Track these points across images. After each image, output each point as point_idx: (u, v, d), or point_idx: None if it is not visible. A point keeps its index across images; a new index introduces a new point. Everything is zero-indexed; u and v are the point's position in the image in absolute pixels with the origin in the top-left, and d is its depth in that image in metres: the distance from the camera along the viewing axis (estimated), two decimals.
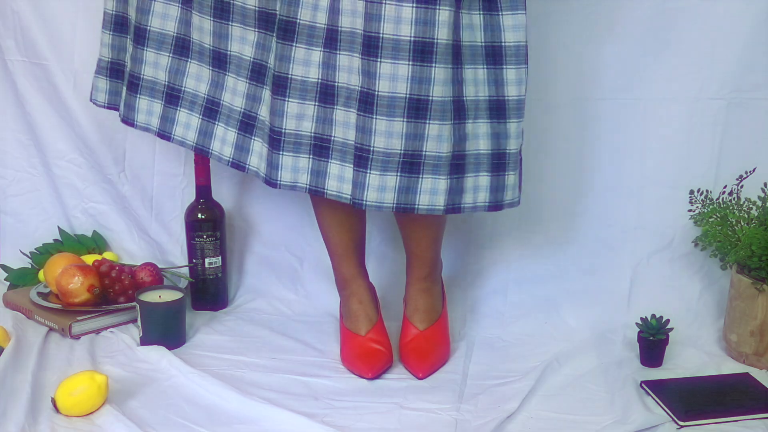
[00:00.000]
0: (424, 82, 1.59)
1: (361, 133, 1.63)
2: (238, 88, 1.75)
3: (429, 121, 1.61)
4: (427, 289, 1.89)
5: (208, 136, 1.81)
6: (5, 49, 2.20)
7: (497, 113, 1.67)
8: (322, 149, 1.68)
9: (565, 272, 2.10)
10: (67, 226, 2.25)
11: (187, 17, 1.79)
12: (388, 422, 1.63)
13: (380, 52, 1.58)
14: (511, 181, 1.71)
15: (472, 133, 1.66)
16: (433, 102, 1.60)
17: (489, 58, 1.64)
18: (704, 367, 1.84)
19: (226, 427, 1.60)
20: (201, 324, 2.02)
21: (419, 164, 1.63)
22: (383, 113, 1.60)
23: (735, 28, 1.97)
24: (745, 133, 2.03)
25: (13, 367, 1.73)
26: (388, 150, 1.62)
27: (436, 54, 1.59)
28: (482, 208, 1.71)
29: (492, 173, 1.69)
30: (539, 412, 1.66)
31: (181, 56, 1.82)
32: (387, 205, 1.64)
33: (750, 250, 1.83)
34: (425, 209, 1.66)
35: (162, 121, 1.86)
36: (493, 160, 1.68)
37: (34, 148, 2.25)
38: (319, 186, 1.69)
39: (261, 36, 1.70)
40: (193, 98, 1.82)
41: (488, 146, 1.68)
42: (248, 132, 1.76)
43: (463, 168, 1.67)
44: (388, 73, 1.59)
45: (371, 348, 1.82)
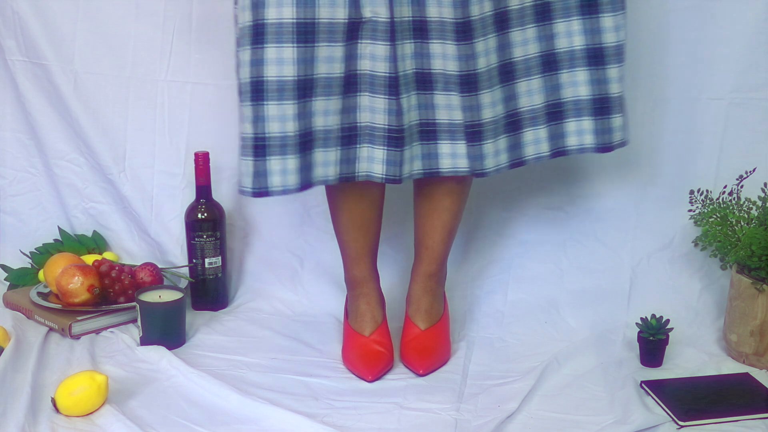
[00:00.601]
0: (506, 48, 1.71)
1: (470, 111, 1.70)
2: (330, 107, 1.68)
3: (516, 81, 1.74)
4: (431, 290, 1.90)
5: (351, 162, 1.73)
6: (6, 49, 2.20)
7: (596, 60, 1.76)
8: (430, 133, 1.74)
9: (565, 272, 2.10)
10: (67, 226, 2.25)
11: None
12: (387, 422, 1.63)
13: (473, 33, 1.65)
14: (618, 123, 1.79)
15: (568, 82, 1.77)
16: (516, 63, 1.72)
17: (584, 9, 1.74)
18: (704, 367, 1.83)
19: (226, 427, 1.60)
20: (201, 324, 2.02)
21: (519, 121, 1.76)
22: (485, 87, 1.69)
23: (735, 28, 1.97)
24: (745, 133, 2.03)
25: (13, 367, 1.73)
26: (495, 117, 1.72)
27: (511, 20, 1.70)
28: (590, 149, 1.81)
29: (596, 117, 1.79)
30: (539, 412, 1.66)
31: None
32: (503, 165, 1.76)
33: (750, 250, 1.83)
34: (533, 158, 1.79)
35: (342, 165, 1.73)
36: (596, 105, 1.78)
37: (34, 148, 2.25)
38: (433, 167, 1.75)
39: (347, 48, 1.66)
40: (327, 133, 1.70)
41: (589, 92, 1.78)
42: (351, 143, 1.72)
43: (562, 114, 1.78)
44: (482, 50, 1.67)
45: (374, 349, 1.82)
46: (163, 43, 2.16)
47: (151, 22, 2.15)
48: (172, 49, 2.16)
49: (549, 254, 2.12)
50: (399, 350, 1.86)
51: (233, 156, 2.17)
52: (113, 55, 2.18)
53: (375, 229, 1.90)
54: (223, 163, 2.17)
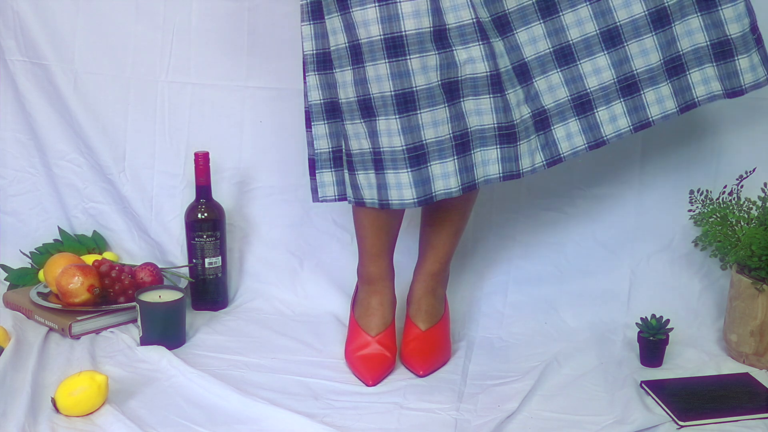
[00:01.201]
0: (607, 13, 1.67)
1: (573, 83, 1.69)
2: (437, 116, 1.68)
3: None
4: (433, 290, 1.89)
5: (470, 170, 1.72)
6: (6, 49, 2.20)
7: (706, 3, 1.69)
8: (543, 121, 1.72)
9: (565, 272, 2.10)
10: (67, 226, 2.25)
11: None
12: (387, 422, 1.63)
13: (560, 5, 1.66)
14: (746, 64, 1.71)
15: (683, 32, 1.70)
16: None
17: None
18: (704, 367, 1.84)
19: (226, 427, 1.60)
20: (201, 324, 2.02)
21: (635, 83, 1.70)
22: (598, 51, 1.68)
23: None
24: (745, 133, 2.03)
25: (13, 367, 1.73)
26: (603, 83, 1.70)
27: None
28: (719, 95, 1.74)
29: (717, 63, 1.72)
30: (539, 412, 1.66)
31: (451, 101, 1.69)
32: (624, 130, 1.72)
33: (750, 250, 1.83)
34: (660, 117, 1.72)
35: (461, 174, 1.71)
36: (716, 50, 1.71)
37: (34, 148, 2.25)
38: (554, 154, 1.73)
39: (441, 57, 1.66)
40: (442, 143, 1.69)
41: (705, 38, 1.71)
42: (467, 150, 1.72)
43: (682, 67, 1.72)
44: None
45: (378, 353, 1.81)
46: (163, 43, 2.16)
47: (151, 22, 2.16)
48: (172, 49, 2.16)
49: (549, 255, 2.12)
50: (399, 351, 1.86)
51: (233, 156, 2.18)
52: (113, 55, 2.18)
53: (395, 228, 1.88)
54: (223, 163, 2.18)
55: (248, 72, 2.15)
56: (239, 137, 2.18)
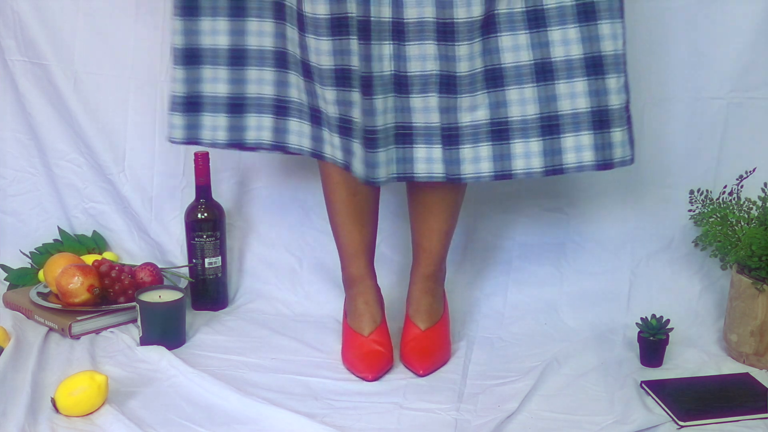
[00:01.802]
0: (494, 53, 1.65)
1: (446, 113, 1.67)
2: (327, 96, 1.73)
3: (506, 88, 1.67)
4: (431, 290, 1.90)
5: (320, 141, 1.79)
6: (5, 48, 2.20)
7: (594, 70, 1.68)
8: (405, 136, 1.72)
9: (565, 273, 2.10)
10: (67, 226, 2.25)
11: (281, 30, 1.77)
12: (387, 422, 1.63)
13: (456, 36, 1.63)
14: (619, 138, 1.71)
15: (564, 93, 1.68)
16: (506, 69, 1.66)
17: (581, 16, 1.66)
18: (704, 367, 1.84)
19: (226, 427, 1.60)
20: (201, 324, 2.02)
21: (507, 130, 1.68)
22: (465, 91, 1.66)
23: (735, 28, 1.97)
24: (745, 133, 2.03)
25: (13, 367, 1.73)
26: (476, 122, 1.67)
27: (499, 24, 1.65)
28: (590, 167, 1.72)
29: (595, 131, 1.70)
30: (539, 412, 1.66)
31: (281, 68, 1.79)
32: (485, 174, 1.70)
33: (750, 250, 1.83)
34: (523, 173, 1.70)
35: (275, 133, 1.83)
36: (595, 118, 1.69)
37: (34, 148, 2.25)
38: (408, 171, 1.73)
39: (336, 43, 1.69)
40: (300, 106, 1.80)
41: (587, 104, 1.69)
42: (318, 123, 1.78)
43: (558, 128, 1.69)
44: (465, 54, 1.64)
45: (373, 349, 1.82)
46: (163, 43, 2.16)
47: (151, 22, 2.15)
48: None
49: (548, 256, 2.12)
50: (399, 351, 1.86)
51: (233, 156, 2.18)
52: (113, 55, 2.18)
53: (371, 225, 1.90)
54: (223, 163, 2.18)
55: None
56: None
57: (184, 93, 1.81)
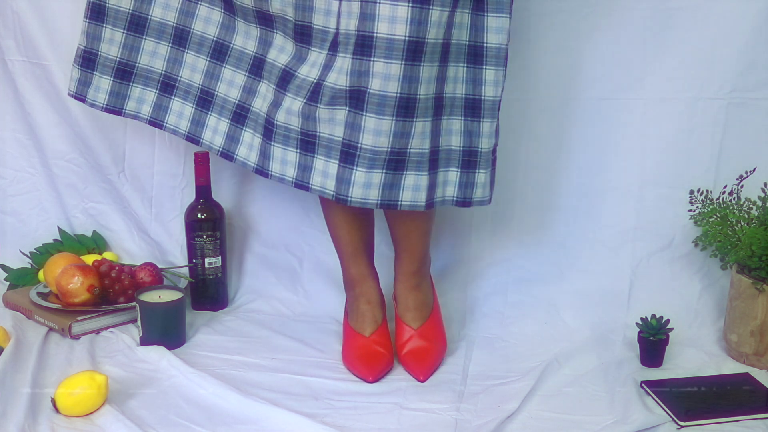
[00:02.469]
0: (414, 81, 1.63)
1: (350, 129, 1.66)
2: (235, 80, 1.80)
3: (416, 119, 1.65)
4: (417, 286, 1.89)
5: (200, 126, 1.85)
6: (5, 48, 2.20)
7: (472, 112, 1.71)
8: (308, 144, 1.71)
9: (565, 272, 2.10)
10: (67, 226, 2.25)
11: (191, 9, 1.81)
12: (387, 422, 1.63)
13: (374, 51, 1.60)
14: (482, 180, 1.74)
15: (445, 129, 1.71)
16: (420, 100, 1.64)
17: (470, 57, 1.68)
18: (704, 367, 1.84)
19: (226, 427, 1.60)
20: (201, 324, 2.02)
21: (404, 161, 1.67)
22: (373, 111, 1.63)
23: (735, 28, 1.97)
24: (745, 133, 2.03)
25: (13, 367, 1.73)
26: (376, 147, 1.65)
27: (426, 53, 1.62)
28: (450, 202, 1.75)
29: (462, 169, 1.73)
30: (539, 412, 1.66)
31: (179, 46, 1.84)
32: (371, 201, 1.68)
33: (750, 250, 1.83)
34: (408, 205, 1.70)
35: (155, 109, 1.89)
36: (464, 157, 1.72)
37: (34, 148, 2.25)
38: (305, 180, 1.72)
39: (263, 32, 1.75)
40: (188, 88, 1.85)
41: (460, 143, 1.72)
42: (240, 123, 1.80)
43: (437, 163, 1.71)
44: (381, 72, 1.61)
45: (374, 350, 1.82)
46: None
47: None
48: None
49: (549, 255, 2.12)
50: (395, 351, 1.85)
51: None
52: None
53: (366, 226, 1.89)
54: (223, 163, 2.17)
55: None
56: None
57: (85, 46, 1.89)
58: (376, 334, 1.84)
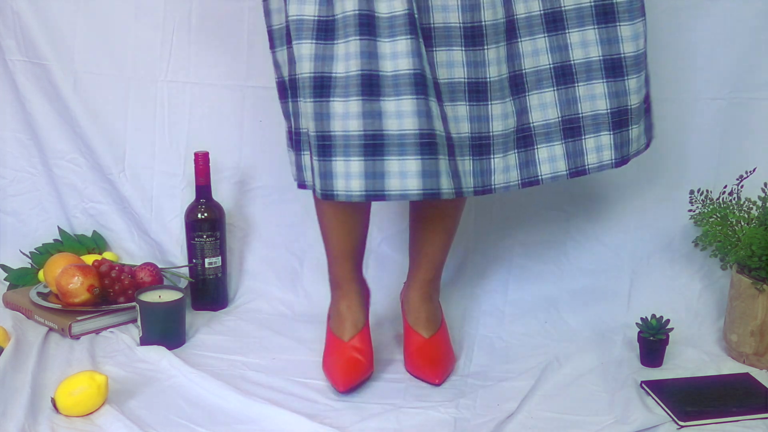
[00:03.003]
0: (516, 58, 1.63)
1: (477, 122, 1.65)
2: None
3: (528, 94, 1.65)
4: (429, 296, 1.88)
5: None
6: (5, 48, 2.20)
7: (613, 72, 1.67)
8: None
9: (565, 272, 2.10)
10: (67, 226, 2.25)
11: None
12: (387, 422, 1.63)
13: (485, 40, 1.61)
14: (635, 134, 1.72)
15: (585, 96, 1.68)
16: (527, 74, 1.64)
17: (599, 17, 1.65)
18: (704, 367, 1.84)
19: (226, 427, 1.60)
20: (201, 324, 2.02)
21: (531, 137, 1.67)
22: (497, 98, 1.63)
23: (735, 28, 1.97)
24: (745, 133, 2.03)
25: (13, 367, 1.73)
26: (506, 131, 1.65)
27: (519, 29, 1.63)
28: (608, 166, 1.72)
29: (614, 131, 1.70)
30: (539, 412, 1.66)
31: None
32: (513, 183, 1.68)
33: (750, 250, 1.83)
34: (550, 177, 1.69)
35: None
36: (614, 119, 1.69)
37: (34, 148, 2.26)
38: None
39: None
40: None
41: (606, 106, 1.68)
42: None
43: (579, 130, 1.69)
44: (494, 58, 1.62)
45: (351, 356, 1.78)
46: (163, 43, 2.16)
47: (151, 22, 2.16)
48: (172, 49, 2.16)
49: (549, 254, 2.12)
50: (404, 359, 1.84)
51: (233, 156, 2.18)
52: (113, 55, 2.18)
53: (359, 229, 1.85)
54: (223, 163, 2.18)
55: (248, 72, 2.14)
56: (239, 137, 2.18)
57: None
58: (355, 339, 1.80)
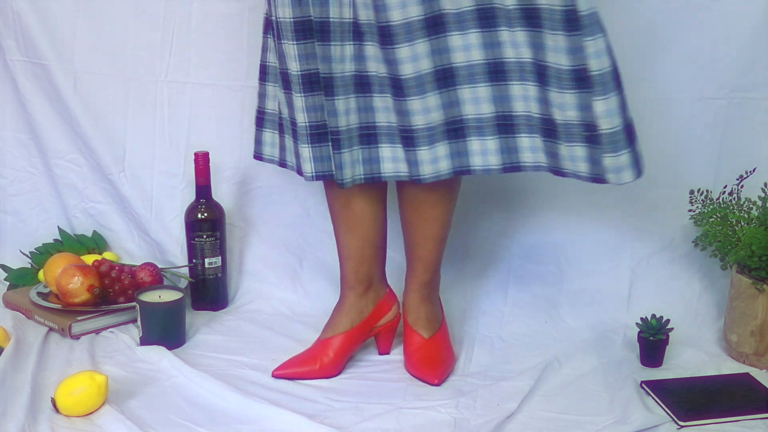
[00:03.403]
0: (444, 53, 1.61)
1: (400, 116, 1.66)
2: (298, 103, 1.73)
3: (458, 87, 1.63)
4: (428, 297, 1.88)
5: None
6: (6, 48, 2.20)
7: (541, 78, 1.60)
8: (370, 136, 1.71)
9: (565, 272, 2.10)
10: (67, 226, 2.25)
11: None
12: (387, 422, 1.63)
13: (396, 39, 1.59)
14: (570, 153, 1.66)
15: (518, 95, 1.63)
16: (458, 68, 1.62)
17: (527, 20, 1.57)
18: (704, 367, 1.84)
19: (226, 427, 1.60)
20: (201, 324, 2.02)
21: (463, 129, 1.66)
22: (413, 94, 1.63)
23: (735, 28, 1.97)
24: (745, 133, 2.03)
25: (13, 367, 1.73)
26: (431, 125, 1.64)
27: (448, 24, 1.59)
28: (545, 168, 1.70)
29: (544, 137, 1.65)
30: (539, 412, 1.66)
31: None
32: (444, 173, 1.67)
33: (750, 250, 1.83)
34: (481, 169, 1.68)
35: None
36: (544, 126, 1.64)
37: (34, 147, 2.26)
38: (375, 172, 1.72)
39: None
40: None
41: (538, 110, 1.63)
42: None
43: (513, 128, 1.66)
44: (407, 56, 1.60)
45: (310, 354, 1.80)
46: (163, 43, 2.16)
47: (150, 22, 2.16)
48: (172, 49, 2.16)
49: (549, 254, 2.12)
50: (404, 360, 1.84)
51: (233, 156, 2.18)
52: (113, 55, 2.18)
53: (362, 238, 1.84)
54: (223, 163, 2.18)
55: (248, 72, 2.14)
56: (239, 137, 2.18)
57: None
58: (325, 341, 1.82)
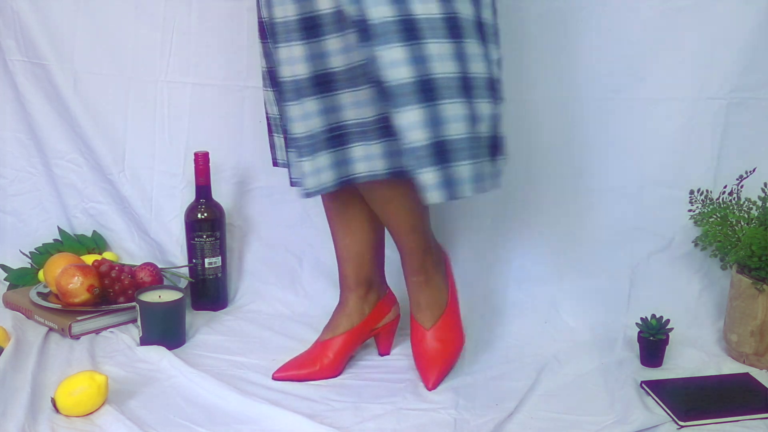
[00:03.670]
0: (323, 57, 1.56)
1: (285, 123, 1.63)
2: None
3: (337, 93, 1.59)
4: (424, 282, 1.83)
5: None
6: (5, 48, 2.20)
7: None
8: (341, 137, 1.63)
9: (565, 272, 2.10)
10: (67, 226, 2.25)
11: None
12: (387, 422, 1.63)
13: (278, 38, 1.57)
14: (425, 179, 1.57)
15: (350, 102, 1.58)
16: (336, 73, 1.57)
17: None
18: (704, 367, 1.84)
19: (226, 427, 1.60)
20: (201, 324, 2.02)
21: (346, 135, 1.61)
22: (292, 99, 1.58)
23: (735, 28, 1.97)
24: (745, 133, 2.03)
25: (13, 367, 1.73)
26: (310, 133, 1.59)
27: (322, 26, 1.54)
28: None
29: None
30: (539, 412, 1.66)
31: None
32: (328, 185, 1.62)
33: (750, 250, 1.83)
34: (366, 176, 1.63)
35: None
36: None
37: (34, 147, 2.26)
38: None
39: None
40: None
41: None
42: None
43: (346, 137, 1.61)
44: (285, 57, 1.57)
45: (308, 356, 1.79)
46: (163, 43, 2.16)
47: (151, 22, 2.16)
48: (172, 49, 2.16)
49: (549, 254, 2.12)
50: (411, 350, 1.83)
51: (233, 156, 2.18)
52: (113, 55, 2.18)
53: (356, 235, 1.83)
54: (223, 163, 2.18)
55: (248, 72, 2.14)
56: (239, 137, 2.18)
57: None
58: (324, 343, 1.81)
